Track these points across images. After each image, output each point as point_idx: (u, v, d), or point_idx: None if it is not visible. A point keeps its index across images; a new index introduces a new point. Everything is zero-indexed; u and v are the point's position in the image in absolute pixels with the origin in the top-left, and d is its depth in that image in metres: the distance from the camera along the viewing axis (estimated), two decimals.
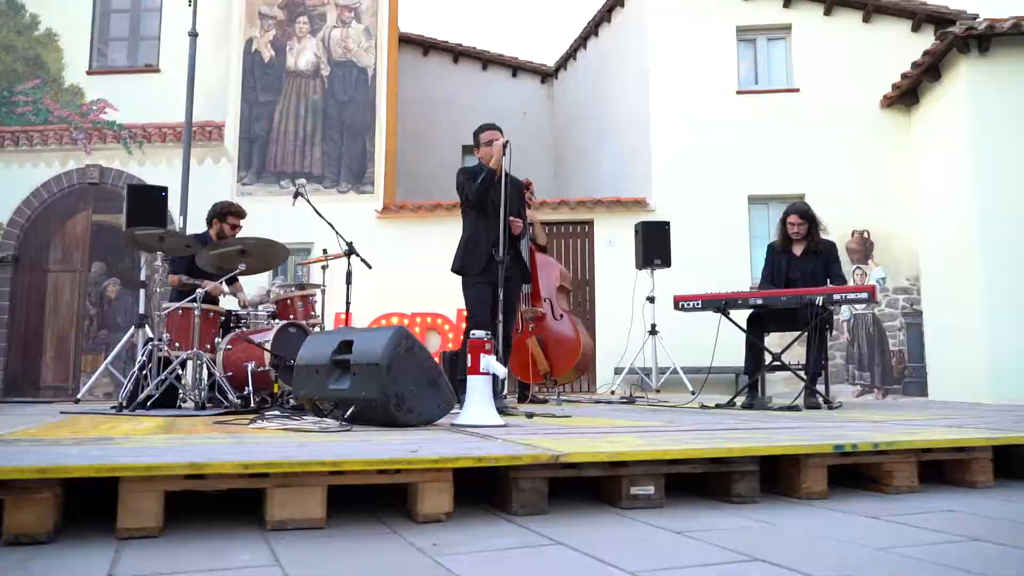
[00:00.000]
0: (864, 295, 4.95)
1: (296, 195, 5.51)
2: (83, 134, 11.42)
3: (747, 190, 10.66)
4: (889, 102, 10.47)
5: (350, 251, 5.35)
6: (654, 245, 8.42)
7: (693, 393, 8.25)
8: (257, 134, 11.31)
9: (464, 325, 10.49)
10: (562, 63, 14.71)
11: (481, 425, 3.07)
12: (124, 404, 4.61)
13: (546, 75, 15.29)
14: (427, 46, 15.03)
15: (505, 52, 15.37)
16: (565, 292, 6.19)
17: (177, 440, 2.49)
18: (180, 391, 4.80)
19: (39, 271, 11.25)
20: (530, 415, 3.93)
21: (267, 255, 5.06)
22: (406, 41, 14.35)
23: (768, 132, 10.71)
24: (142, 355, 4.79)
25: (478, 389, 3.14)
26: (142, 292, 6.97)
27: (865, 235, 10.42)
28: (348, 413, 3.14)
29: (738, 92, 10.84)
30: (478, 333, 3.19)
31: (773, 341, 5.92)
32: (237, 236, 5.60)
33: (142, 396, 4.51)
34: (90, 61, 11.69)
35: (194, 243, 4.94)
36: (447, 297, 10.63)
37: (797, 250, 5.63)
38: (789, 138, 10.65)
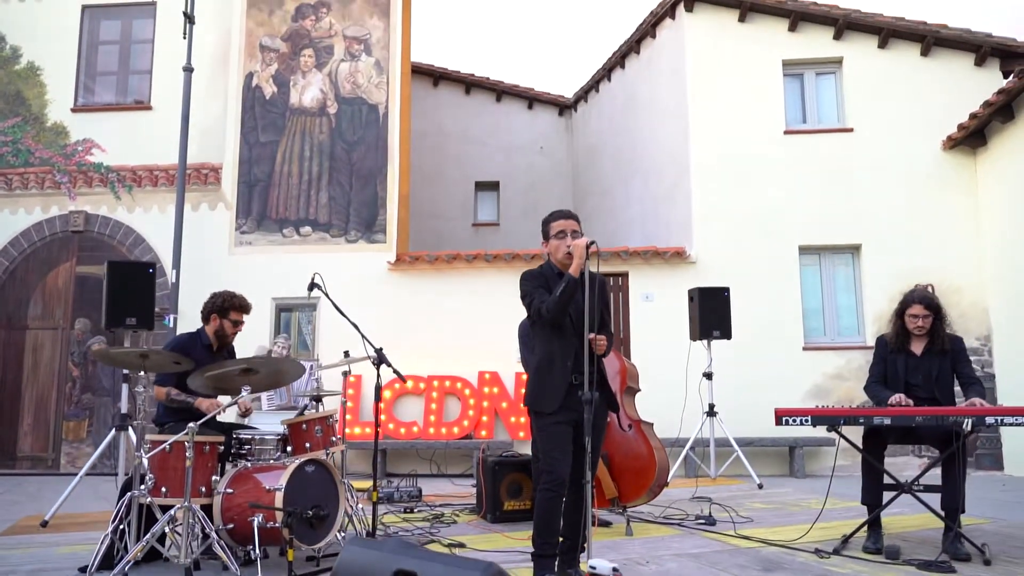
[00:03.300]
0: None
1: (312, 287, 4.52)
2: (67, 177, 10.41)
3: (797, 240, 9.68)
4: (953, 143, 9.53)
5: (380, 360, 4.33)
6: (712, 315, 7.44)
7: (761, 486, 7.29)
8: (257, 177, 10.31)
9: (486, 390, 9.52)
10: (582, 95, 13.78)
11: None
12: (95, 569, 3.58)
13: (564, 107, 14.36)
14: (438, 76, 14.13)
15: (520, 83, 14.46)
16: (632, 394, 5.18)
17: None
18: (164, 551, 3.78)
19: (17, 328, 10.21)
20: None
21: (276, 372, 4.05)
22: (416, 71, 13.42)
23: (819, 175, 9.75)
24: (119, 506, 3.75)
25: None
26: (125, 387, 5.93)
27: (929, 289, 9.43)
28: None
29: (785, 132, 9.88)
30: (600, 568, 2.17)
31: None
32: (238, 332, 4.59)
33: (117, 570, 3.48)
34: (75, 97, 10.70)
35: (184, 360, 3.91)
36: (467, 359, 9.69)
37: (917, 348, 4.65)
38: (843, 183, 9.69)
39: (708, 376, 7.56)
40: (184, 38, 9.17)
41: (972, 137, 9.41)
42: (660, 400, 8.73)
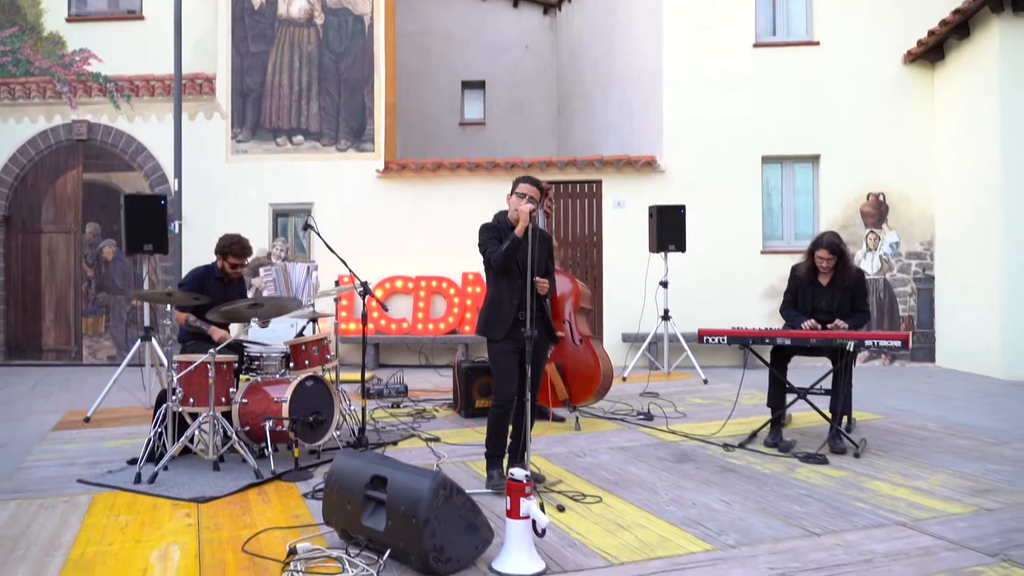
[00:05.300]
0: (897, 343, 4.82)
1: (306, 227, 5.26)
2: (67, 87, 10.88)
3: (761, 150, 10.31)
4: (912, 58, 10.00)
5: (365, 291, 5.12)
6: (669, 230, 8.22)
7: (706, 382, 8.26)
8: (250, 87, 10.79)
9: (470, 289, 10.40)
10: None
11: (521, 575, 3.00)
12: (142, 461, 4.52)
13: (549, 5, 14.56)
14: None
15: None
16: (585, 313, 6.02)
17: None
18: (193, 448, 4.73)
19: (32, 231, 10.96)
20: (560, 508, 3.87)
21: (280, 305, 4.88)
22: None
23: (785, 88, 10.26)
24: (157, 415, 4.67)
25: (518, 534, 3.05)
26: (147, 305, 6.75)
27: (880, 198, 10.17)
28: (385, 557, 3.07)
29: (755, 45, 10.31)
30: (517, 475, 3.07)
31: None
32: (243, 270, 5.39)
33: (160, 464, 4.44)
34: (69, 6, 11.00)
35: (202, 296, 4.75)
36: (452, 260, 10.48)
37: (824, 280, 5.43)
38: (806, 95, 10.22)
39: (664, 284, 8.43)
40: None
41: (931, 52, 9.88)
42: (628, 299, 9.66)
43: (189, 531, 3.60)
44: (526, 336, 4.00)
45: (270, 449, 4.60)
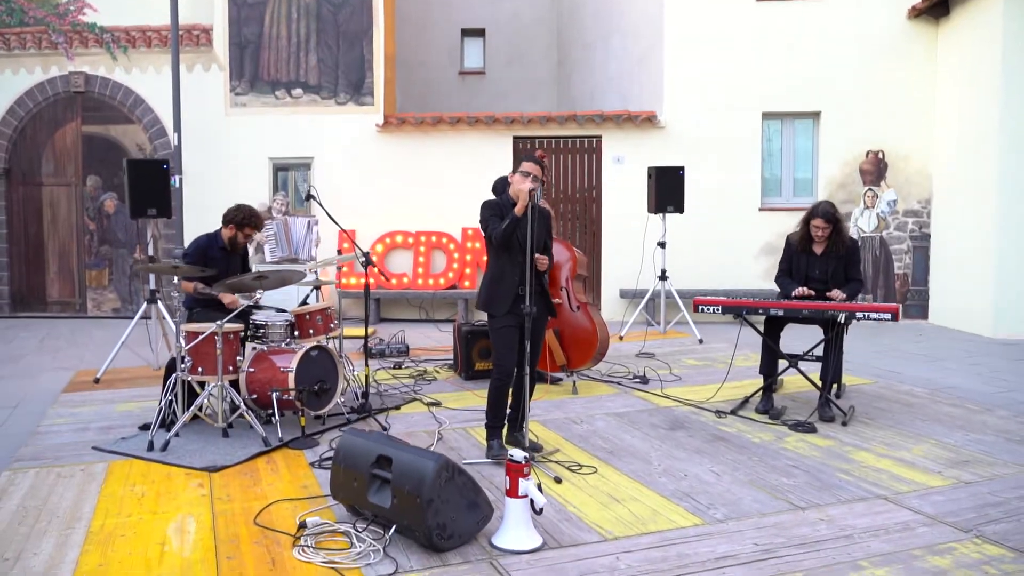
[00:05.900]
0: (887, 315, 4.94)
1: (308, 197, 5.33)
2: (63, 37, 10.76)
3: (762, 107, 10.26)
4: (917, 13, 9.89)
5: (367, 262, 5.22)
6: (668, 191, 8.28)
7: (701, 341, 8.41)
8: (248, 39, 10.68)
9: (470, 244, 10.48)
10: None
11: (518, 551, 3.18)
12: (154, 429, 4.68)
13: None
14: None
15: None
16: (581, 280, 6.12)
17: None
18: (202, 415, 4.88)
19: (33, 184, 10.98)
20: (558, 479, 4.04)
21: (283, 277, 4.98)
22: None
23: (788, 44, 10.16)
24: (167, 385, 4.82)
25: (516, 512, 3.22)
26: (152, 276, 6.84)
27: (880, 155, 10.17)
28: (391, 532, 3.24)
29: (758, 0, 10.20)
30: (516, 456, 3.22)
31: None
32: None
33: (172, 431, 4.60)
34: None
35: (208, 268, 4.86)
36: (452, 215, 10.54)
37: (818, 249, 5.52)
38: (810, 52, 10.13)
39: (662, 245, 8.53)
40: None
41: (935, 8, 9.77)
42: (626, 255, 9.75)
43: (203, 502, 3.77)
44: (525, 312, 4.12)
45: (277, 417, 4.76)
